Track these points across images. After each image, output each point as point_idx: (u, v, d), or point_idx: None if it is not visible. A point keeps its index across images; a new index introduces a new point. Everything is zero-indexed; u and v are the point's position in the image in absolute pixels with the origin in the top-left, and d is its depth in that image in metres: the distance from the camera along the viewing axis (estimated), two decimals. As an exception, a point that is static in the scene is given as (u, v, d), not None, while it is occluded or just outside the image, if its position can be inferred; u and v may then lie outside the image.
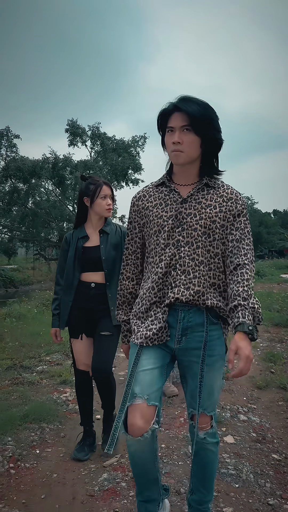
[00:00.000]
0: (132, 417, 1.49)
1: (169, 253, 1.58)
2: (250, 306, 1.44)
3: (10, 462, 2.39)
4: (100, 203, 2.42)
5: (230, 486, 2.20)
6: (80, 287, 2.43)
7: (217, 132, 1.57)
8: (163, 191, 1.67)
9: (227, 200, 1.59)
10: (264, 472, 2.36)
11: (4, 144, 20.64)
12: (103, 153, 21.98)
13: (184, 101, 1.53)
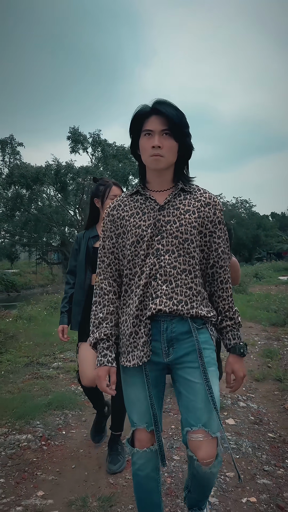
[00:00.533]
0: (139, 435, 1.57)
1: (149, 262, 1.52)
2: (236, 323, 1.61)
3: (41, 441, 2.77)
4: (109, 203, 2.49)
5: (231, 457, 2.58)
6: (91, 290, 2.35)
7: (189, 139, 1.56)
8: (138, 199, 1.60)
9: (205, 205, 1.56)
10: (260, 447, 2.74)
11: (8, 152, 21.16)
12: (103, 159, 22.43)
13: (163, 104, 1.49)
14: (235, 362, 1.60)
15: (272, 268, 22.86)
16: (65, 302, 2.54)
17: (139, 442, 1.57)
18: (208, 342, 1.55)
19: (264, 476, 2.37)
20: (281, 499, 2.15)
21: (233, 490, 2.23)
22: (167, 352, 1.53)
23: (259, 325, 7.40)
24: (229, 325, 1.60)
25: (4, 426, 2.98)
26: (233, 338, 1.59)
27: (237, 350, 1.59)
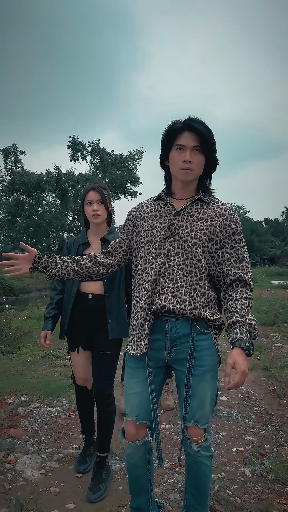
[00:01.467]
0: (127, 426, 1.71)
1: (160, 261, 1.62)
2: (248, 323, 1.54)
3: (69, 411, 3.38)
4: (86, 209, 2.34)
5: (224, 422, 3.21)
6: (77, 298, 2.30)
7: (215, 155, 1.67)
8: (159, 203, 1.74)
9: (219, 215, 1.64)
10: (248, 416, 3.37)
11: (10, 160, 21.81)
12: (102, 167, 23.12)
13: (195, 122, 1.59)
14: (237, 355, 1.47)
15: (265, 273, 23.54)
16: (50, 308, 2.45)
17: (127, 434, 1.71)
18: (210, 348, 1.61)
19: (250, 435, 3.00)
20: (262, 449, 2.78)
21: (225, 443, 2.86)
22: (169, 351, 1.62)
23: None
24: (239, 321, 1.53)
25: (36, 402, 3.58)
26: (240, 333, 1.50)
27: (242, 343, 1.48)
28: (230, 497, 2.15)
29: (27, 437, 2.87)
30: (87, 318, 2.29)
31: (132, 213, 1.81)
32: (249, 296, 1.61)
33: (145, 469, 1.75)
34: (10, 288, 24.27)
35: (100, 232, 2.38)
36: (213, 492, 2.19)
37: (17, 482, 2.33)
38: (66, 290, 2.38)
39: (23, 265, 1.76)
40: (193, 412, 1.61)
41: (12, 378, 4.23)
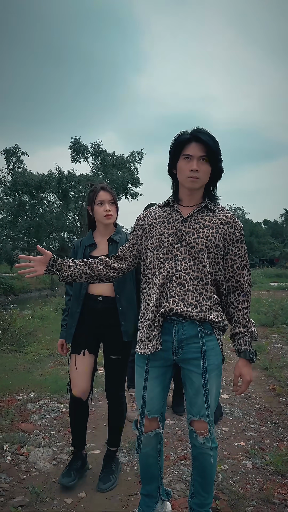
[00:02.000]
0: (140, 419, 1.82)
1: (167, 266, 1.71)
2: (249, 331, 1.73)
3: (77, 407, 3.51)
4: (97, 210, 2.29)
5: (226, 418, 3.34)
6: (86, 300, 2.25)
7: (221, 165, 1.76)
8: (167, 210, 1.82)
9: (225, 223, 1.73)
10: (248, 413, 3.50)
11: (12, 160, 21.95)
12: (103, 168, 23.24)
13: (202, 133, 1.69)
14: (243, 366, 1.71)
15: (264, 274, 23.68)
16: (65, 315, 2.42)
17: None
18: (214, 349, 1.72)
19: (251, 431, 3.14)
20: (263, 444, 2.91)
21: (228, 438, 2.99)
22: (177, 351, 1.72)
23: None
24: (242, 332, 1.73)
25: (44, 398, 3.71)
26: (244, 344, 1.71)
27: (247, 355, 1.70)
28: (233, 487, 2.28)
29: (38, 431, 3.00)
30: (96, 321, 2.25)
31: (141, 219, 1.89)
32: (248, 305, 1.77)
33: (156, 458, 1.89)
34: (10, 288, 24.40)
35: (107, 232, 2.35)
36: (217, 482, 2.32)
37: (31, 473, 2.46)
38: (74, 292, 2.32)
39: (38, 267, 1.85)
40: (198, 409, 1.72)
41: (20, 376, 4.36)
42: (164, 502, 2.00)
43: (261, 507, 2.16)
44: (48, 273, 1.87)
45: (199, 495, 1.84)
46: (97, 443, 2.88)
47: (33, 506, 2.11)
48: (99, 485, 2.28)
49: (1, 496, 2.19)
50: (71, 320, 2.29)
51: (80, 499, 2.21)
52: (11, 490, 2.26)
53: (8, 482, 2.33)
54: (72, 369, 2.32)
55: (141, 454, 1.88)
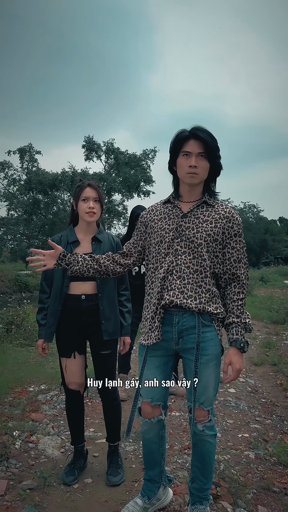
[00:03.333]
0: (144, 406, 1.90)
1: (168, 260, 1.78)
2: (242, 322, 1.76)
3: (86, 399, 3.60)
4: (81, 205, 2.24)
5: (231, 411, 3.40)
6: (68, 301, 2.21)
7: (219, 161, 1.82)
8: (168, 206, 1.88)
9: (223, 218, 1.79)
10: (254, 406, 3.55)
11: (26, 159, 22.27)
12: (116, 166, 23.38)
13: (200, 131, 1.75)
14: (233, 355, 1.73)
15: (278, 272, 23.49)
16: (44, 314, 2.33)
17: (143, 412, 1.91)
18: (213, 339, 1.77)
19: (256, 423, 3.19)
20: (266, 436, 2.96)
21: (232, 430, 3.05)
22: (177, 341, 1.79)
23: (261, 322, 8.18)
24: (235, 322, 1.75)
25: (55, 390, 3.82)
26: (236, 333, 1.74)
27: (237, 344, 1.73)
28: (234, 476, 2.33)
29: (47, 421, 3.10)
30: (81, 320, 2.22)
31: (144, 216, 1.96)
32: (243, 296, 1.80)
33: (158, 445, 1.96)
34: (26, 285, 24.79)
35: (90, 230, 2.30)
36: (219, 471, 2.38)
37: (40, 459, 2.56)
38: (54, 291, 2.25)
39: (48, 261, 1.91)
40: (198, 395, 1.77)
41: (32, 369, 4.48)
42: (166, 487, 2.07)
43: (261, 495, 2.21)
44: (58, 267, 1.93)
45: (199, 480, 1.90)
46: (104, 432, 2.96)
47: (41, 489, 2.21)
48: (109, 479, 2.31)
49: (11, 480, 2.29)
50: (51, 319, 2.25)
51: (86, 484, 2.30)
52: (21, 474, 2.36)
53: (18, 467, 2.43)
54: (65, 370, 2.32)
55: (144, 440, 1.97)
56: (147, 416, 1.90)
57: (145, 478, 2.03)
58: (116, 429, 2.45)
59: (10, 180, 23.16)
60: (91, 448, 2.72)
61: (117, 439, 2.47)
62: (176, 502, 2.11)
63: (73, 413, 2.42)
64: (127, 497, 2.16)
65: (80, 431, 2.43)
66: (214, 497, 2.14)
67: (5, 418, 3.09)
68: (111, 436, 2.45)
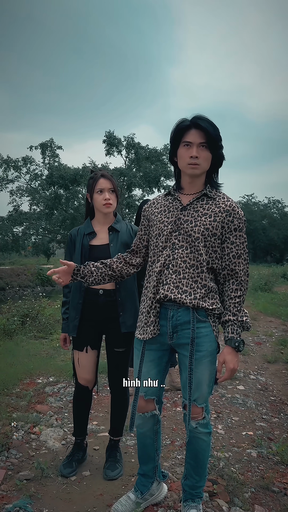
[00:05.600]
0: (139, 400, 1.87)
1: (165, 254, 1.74)
2: (239, 320, 1.69)
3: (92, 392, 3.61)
4: (96, 198, 2.23)
5: (238, 409, 3.34)
6: (87, 295, 2.21)
7: (222, 151, 1.76)
8: (168, 199, 1.84)
9: (223, 211, 1.72)
10: (262, 404, 3.48)
11: (48, 154, 22.52)
12: (136, 161, 23.34)
13: (201, 120, 1.69)
14: (228, 353, 1.69)
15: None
16: (66, 308, 2.37)
17: (138, 407, 1.86)
18: (208, 335, 1.72)
19: (262, 421, 3.12)
20: (272, 434, 2.89)
21: (236, 427, 3.00)
22: (171, 336, 1.75)
23: (279, 319, 8.03)
24: (231, 320, 1.69)
25: (62, 382, 3.85)
26: (231, 332, 1.68)
27: (232, 342, 1.67)
28: (234, 474, 2.29)
29: (52, 413, 3.12)
30: (98, 315, 2.22)
31: (146, 210, 1.92)
32: (241, 294, 1.73)
33: (152, 439, 1.94)
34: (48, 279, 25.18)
35: (107, 221, 2.29)
36: (218, 468, 2.34)
37: (40, 450, 2.58)
38: (74, 284, 2.26)
39: (64, 278, 1.89)
40: (192, 393, 1.73)
41: (42, 361, 4.53)
42: (160, 483, 2.04)
43: (259, 494, 2.16)
44: (74, 281, 1.93)
45: (191, 477, 1.88)
46: (107, 426, 2.96)
47: (38, 480, 2.22)
48: (106, 473, 2.29)
49: (9, 470, 2.31)
50: (73, 312, 2.26)
51: (83, 477, 2.30)
52: (20, 465, 2.38)
53: (18, 458, 2.46)
54: (76, 363, 2.33)
55: (139, 434, 1.94)
56: (141, 410, 1.88)
57: (139, 473, 2.01)
58: (121, 424, 2.44)
59: (32, 175, 23.49)
60: (92, 441, 2.72)
61: (119, 434, 2.46)
62: (170, 498, 2.08)
63: (79, 406, 2.42)
64: (122, 491, 2.15)
65: (83, 424, 2.43)
66: (210, 494, 2.10)
67: (11, 409, 3.13)
68: (114, 430, 2.44)
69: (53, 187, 22.42)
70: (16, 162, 22.77)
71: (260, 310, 8.95)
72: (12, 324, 6.01)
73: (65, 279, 1.89)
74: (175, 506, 2.02)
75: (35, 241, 24.90)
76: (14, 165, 22.72)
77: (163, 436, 2.80)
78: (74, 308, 2.25)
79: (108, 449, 2.45)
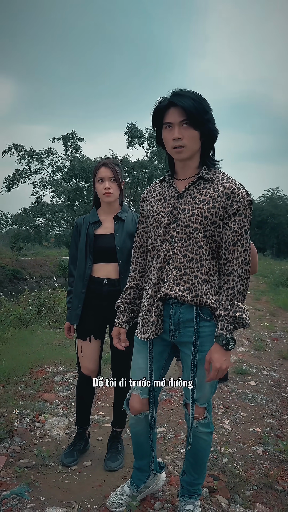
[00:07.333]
0: (132, 400, 1.77)
1: (164, 248, 1.60)
2: (231, 316, 1.51)
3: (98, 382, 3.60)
4: (98, 187, 2.21)
5: (247, 404, 3.27)
6: (91, 283, 2.20)
7: (212, 124, 1.54)
8: (164, 186, 1.68)
9: (222, 195, 1.52)
10: (273, 401, 3.40)
11: (70, 147, 22.63)
12: (158, 153, 23.19)
13: (179, 96, 1.48)
14: (215, 352, 1.53)
15: None
16: (70, 297, 2.35)
17: (131, 407, 1.77)
18: (212, 335, 1.59)
19: (271, 418, 3.04)
20: (280, 432, 2.81)
21: (244, 423, 2.93)
22: (173, 333, 1.64)
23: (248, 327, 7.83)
24: (222, 315, 1.53)
25: (72, 372, 3.86)
26: (221, 328, 1.53)
27: (220, 340, 1.52)
28: (236, 470, 2.23)
29: (58, 402, 3.13)
30: (103, 305, 2.19)
31: (143, 199, 1.77)
32: (235, 285, 1.54)
33: (147, 438, 1.83)
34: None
35: (112, 210, 2.26)
36: (221, 464, 2.29)
37: (44, 439, 2.58)
38: (78, 273, 2.23)
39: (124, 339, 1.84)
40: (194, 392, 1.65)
41: (54, 350, 4.55)
42: (156, 475, 1.99)
43: (261, 492, 2.11)
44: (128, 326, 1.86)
45: (190, 474, 1.83)
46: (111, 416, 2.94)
47: (38, 468, 2.22)
48: (107, 464, 2.28)
49: (11, 457, 2.32)
50: (76, 301, 2.24)
51: (84, 467, 2.29)
52: (22, 452, 2.39)
53: (21, 446, 2.47)
54: (79, 353, 2.33)
55: (133, 433, 1.86)
56: (135, 412, 1.77)
57: (134, 466, 1.97)
58: (123, 415, 2.40)
59: (55, 167, 23.68)
60: (96, 432, 2.71)
61: (122, 425, 2.43)
62: (169, 492, 2.05)
63: (82, 396, 2.41)
64: (121, 483, 2.12)
65: (85, 414, 2.42)
66: (210, 490, 2.06)
67: (19, 397, 3.16)
68: (117, 421, 2.42)
69: (74, 179, 22.56)
70: (39, 154, 23.00)
71: (279, 305, 8.77)
72: (28, 313, 6.08)
73: (125, 340, 1.83)
74: (173, 500, 1.98)
75: (57, 233, 25.15)
76: (37, 157, 22.96)
77: (168, 429, 2.77)
78: (77, 297, 2.23)
79: (110, 440, 2.43)
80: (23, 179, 23.04)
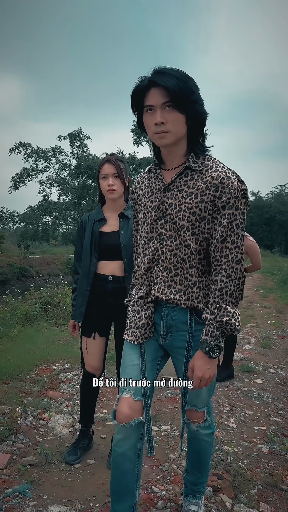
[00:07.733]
0: (121, 405, 1.47)
1: (153, 247, 1.46)
2: (217, 320, 1.35)
3: (104, 381, 3.59)
4: (101, 184, 2.19)
5: (253, 402, 3.23)
6: (96, 280, 2.18)
7: (200, 106, 1.36)
8: (151, 177, 1.52)
9: (211, 187, 1.35)
10: (279, 399, 3.36)
11: (77, 145, 22.67)
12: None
13: (161, 74, 1.30)
14: (198, 358, 1.38)
15: None
16: (75, 294, 2.33)
17: (120, 414, 1.47)
18: None
19: (277, 416, 3.01)
20: (286, 430, 2.78)
21: (249, 422, 2.90)
22: (165, 336, 1.50)
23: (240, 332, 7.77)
24: (208, 319, 1.37)
25: (77, 369, 3.85)
26: (205, 333, 1.37)
27: (203, 346, 1.36)
28: (241, 469, 2.21)
29: (63, 399, 3.13)
30: (108, 303, 2.17)
31: (133, 191, 1.61)
32: (223, 286, 1.36)
33: (134, 463, 1.52)
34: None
35: (117, 207, 2.23)
36: (225, 463, 2.27)
37: (48, 436, 2.57)
38: (83, 270, 2.21)
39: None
40: (190, 398, 1.57)
41: (60, 348, 4.55)
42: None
43: (266, 491, 2.08)
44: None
45: (193, 473, 1.79)
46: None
47: (41, 466, 2.21)
48: (110, 462, 2.18)
49: (14, 455, 2.32)
50: (80, 299, 2.23)
51: (88, 465, 2.28)
52: (25, 450, 2.39)
53: (25, 443, 2.46)
54: (84, 350, 2.31)
55: (115, 457, 1.51)
56: (123, 418, 1.46)
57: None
58: None
59: (61, 165, 23.72)
60: (100, 429, 2.70)
61: None
62: (172, 491, 2.03)
63: (86, 393, 2.40)
64: (125, 481, 2.10)
65: (89, 412, 2.40)
66: (214, 489, 2.04)
67: (23, 394, 3.16)
68: None
69: (81, 177, 22.60)
70: (46, 152, 23.06)
71: (287, 303, 8.70)
72: (34, 311, 6.10)
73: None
74: (176, 499, 1.96)
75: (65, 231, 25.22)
76: (44, 155, 23.02)
77: (172, 427, 2.75)
78: (82, 294, 2.23)
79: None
80: (30, 178, 23.15)
